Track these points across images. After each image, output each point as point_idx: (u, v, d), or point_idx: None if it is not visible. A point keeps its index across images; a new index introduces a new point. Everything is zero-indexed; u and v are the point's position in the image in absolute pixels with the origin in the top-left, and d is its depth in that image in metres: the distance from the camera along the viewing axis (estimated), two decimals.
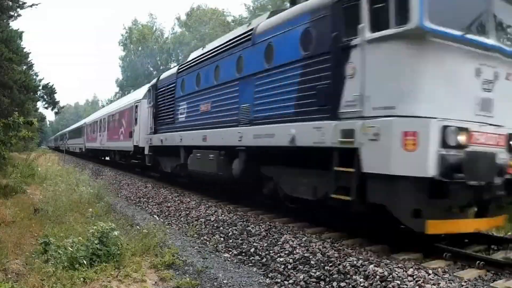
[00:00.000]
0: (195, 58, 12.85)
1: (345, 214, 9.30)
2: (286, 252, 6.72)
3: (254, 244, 7.40)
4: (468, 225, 6.23)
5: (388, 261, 5.80)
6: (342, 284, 5.45)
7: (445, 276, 5.24)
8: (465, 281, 5.07)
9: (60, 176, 18.02)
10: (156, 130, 16.02)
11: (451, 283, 4.96)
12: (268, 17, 9.34)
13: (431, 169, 5.34)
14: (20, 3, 21.84)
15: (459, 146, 5.54)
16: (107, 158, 30.29)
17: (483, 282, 5.16)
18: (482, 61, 5.94)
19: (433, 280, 5.04)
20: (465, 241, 6.97)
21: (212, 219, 9.39)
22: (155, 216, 10.58)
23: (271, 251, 6.93)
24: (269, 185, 9.04)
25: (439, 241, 7.01)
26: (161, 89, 15.80)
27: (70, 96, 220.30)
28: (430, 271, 5.32)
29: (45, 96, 37.47)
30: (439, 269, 5.47)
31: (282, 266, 6.30)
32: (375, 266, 5.60)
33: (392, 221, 6.14)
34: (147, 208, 12.07)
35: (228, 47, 10.43)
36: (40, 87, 35.60)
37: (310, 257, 6.32)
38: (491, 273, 5.41)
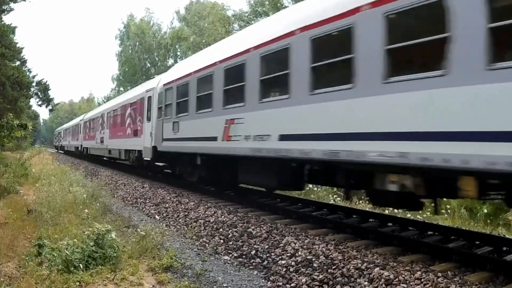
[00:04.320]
0: None
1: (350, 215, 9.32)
2: (288, 254, 6.71)
3: (255, 246, 7.39)
4: None
5: (394, 264, 5.79)
6: (346, 287, 5.44)
7: (454, 279, 5.23)
8: (476, 285, 5.05)
9: (54, 176, 18.03)
10: None
11: (461, 287, 4.94)
12: None
13: None
14: None
15: None
16: None
17: (494, 285, 5.14)
18: None
19: (442, 283, 5.03)
20: (476, 243, 6.97)
21: (211, 220, 9.38)
22: (156, 216, 10.56)
23: (272, 254, 6.92)
24: None
25: (448, 242, 7.01)
26: None
27: (65, 93, 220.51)
28: (439, 274, 5.30)
29: (39, 93, 37.57)
30: (448, 272, 5.46)
31: (284, 269, 6.29)
32: (380, 269, 5.59)
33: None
34: (144, 209, 12.06)
35: None
36: (34, 84, 35.67)
37: (313, 259, 6.31)
38: (502, 276, 5.39)
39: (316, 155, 7.24)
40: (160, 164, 15.46)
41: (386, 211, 11.02)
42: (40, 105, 43.79)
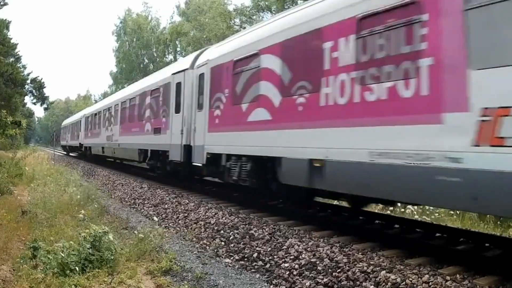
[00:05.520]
0: None
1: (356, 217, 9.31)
2: (292, 257, 6.71)
3: (257, 248, 7.39)
4: None
5: (401, 267, 5.79)
6: None
7: (463, 282, 5.22)
8: None
9: (50, 175, 18.06)
10: None
11: None
12: None
13: None
14: None
15: None
16: None
17: None
18: None
19: (450, 287, 5.02)
20: (485, 245, 6.96)
21: (212, 221, 9.39)
22: (154, 218, 10.57)
23: (275, 256, 6.91)
24: None
25: (457, 245, 7.01)
26: None
27: (61, 90, 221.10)
28: (448, 278, 5.30)
29: (34, 91, 37.67)
30: (457, 275, 5.45)
31: (287, 272, 6.29)
32: (387, 272, 5.58)
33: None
34: (142, 210, 12.08)
35: None
36: (28, 81, 35.73)
37: (317, 262, 6.31)
38: None
39: None
40: None
41: (388, 212, 11.01)
42: (34, 103, 43.97)
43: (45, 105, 43.02)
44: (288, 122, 8.71)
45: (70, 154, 47.98)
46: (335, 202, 10.96)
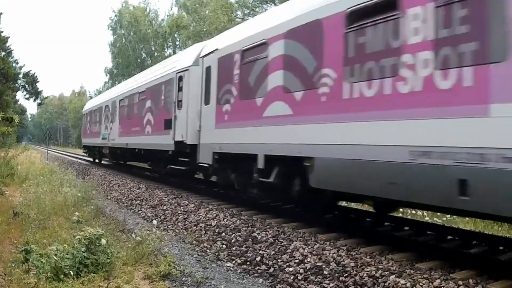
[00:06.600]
0: None
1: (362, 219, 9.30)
2: (296, 261, 6.71)
3: (260, 252, 7.39)
4: None
5: (411, 271, 5.77)
6: None
7: (476, 287, 5.20)
8: None
9: (43, 175, 18.09)
10: None
11: None
12: None
13: None
14: None
15: None
16: None
17: None
18: None
19: None
20: (500, 248, 6.94)
21: (213, 224, 9.39)
22: (153, 220, 10.59)
23: (279, 260, 6.91)
24: None
25: (469, 248, 6.99)
26: None
27: (54, 87, 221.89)
28: (460, 282, 5.28)
29: (26, 86, 37.69)
30: (470, 280, 5.43)
31: (292, 277, 6.28)
32: (396, 276, 5.57)
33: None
34: (140, 211, 12.09)
35: None
36: (21, 76, 35.78)
37: (323, 266, 6.30)
38: None
39: None
40: None
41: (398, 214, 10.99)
42: (27, 99, 44.03)
43: (38, 100, 43.06)
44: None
45: (103, 161, 30.44)
46: (343, 203, 10.95)
